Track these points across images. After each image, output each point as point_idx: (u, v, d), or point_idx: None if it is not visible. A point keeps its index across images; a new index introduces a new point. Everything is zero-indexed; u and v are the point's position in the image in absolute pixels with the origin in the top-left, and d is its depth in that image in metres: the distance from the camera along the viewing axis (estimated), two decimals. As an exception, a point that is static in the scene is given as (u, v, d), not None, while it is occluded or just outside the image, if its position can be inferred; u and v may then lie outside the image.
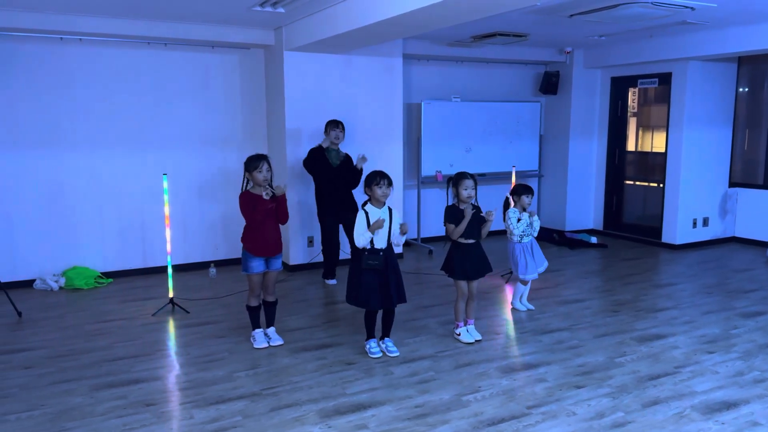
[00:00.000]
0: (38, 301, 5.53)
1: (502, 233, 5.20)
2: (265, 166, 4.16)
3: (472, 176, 4.31)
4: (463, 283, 4.38)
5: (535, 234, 5.11)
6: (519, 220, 5.02)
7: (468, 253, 4.34)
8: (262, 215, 4.14)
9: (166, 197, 5.22)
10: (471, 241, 4.34)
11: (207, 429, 3.22)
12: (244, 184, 4.25)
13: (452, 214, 4.30)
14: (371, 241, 4.02)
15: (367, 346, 4.22)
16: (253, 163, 4.16)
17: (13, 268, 5.88)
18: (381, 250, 4.03)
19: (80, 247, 6.15)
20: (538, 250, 5.15)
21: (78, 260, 6.15)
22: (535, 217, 5.08)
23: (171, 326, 4.87)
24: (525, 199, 5.01)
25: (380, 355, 4.15)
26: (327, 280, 6.09)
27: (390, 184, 4.06)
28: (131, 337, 4.60)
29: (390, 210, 4.12)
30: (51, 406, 3.48)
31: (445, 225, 4.37)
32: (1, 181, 5.79)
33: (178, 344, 4.49)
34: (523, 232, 5.03)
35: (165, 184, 5.19)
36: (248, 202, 4.16)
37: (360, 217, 4.04)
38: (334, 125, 5.83)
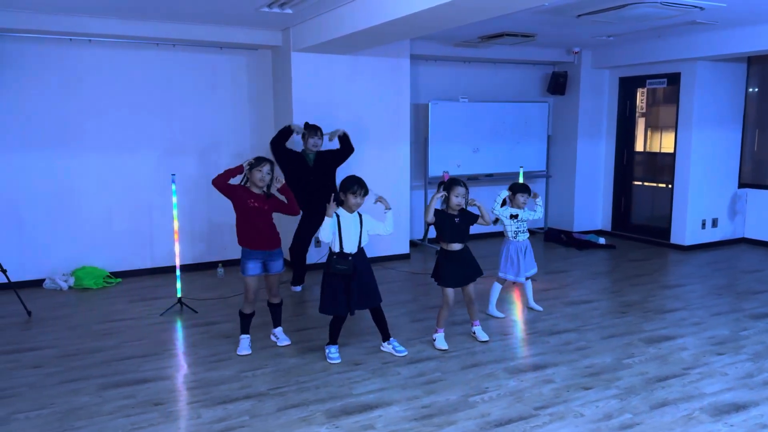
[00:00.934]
0: (48, 300, 5.56)
1: (500, 234, 5.16)
2: (266, 168, 4.11)
3: (465, 185, 4.29)
4: (450, 291, 4.33)
5: (538, 214, 5.03)
6: (515, 216, 4.95)
7: (456, 260, 4.32)
8: (244, 206, 4.12)
9: (174, 197, 5.24)
10: (458, 246, 4.31)
11: (214, 428, 3.23)
12: (242, 180, 4.19)
13: (440, 218, 4.27)
14: (341, 245, 3.99)
15: (327, 351, 4.14)
16: (253, 162, 4.12)
17: (23, 267, 5.92)
18: (350, 254, 3.99)
19: (89, 247, 6.19)
20: (531, 253, 5.07)
21: (87, 260, 6.19)
22: (538, 201, 5.01)
23: (179, 326, 4.89)
24: (520, 198, 4.94)
25: (339, 360, 4.07)
26: (293, 286, 5.86)
27: (365, 194, 4.00)
28: (139, 336, 4.62)
29: (360, 216, 4.07)
30: (59, 405, 3.50)
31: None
32: (11, 181, 5.84)
33: (186, 344, 4.50)
34: (517, 228, 4.98)
35: (173, 185, 5.21)
36: (236, 190, 4.12)
37: (328, 219, 3.94)
38: (312, 132, 5.57)
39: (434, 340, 4.37)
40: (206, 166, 6.56)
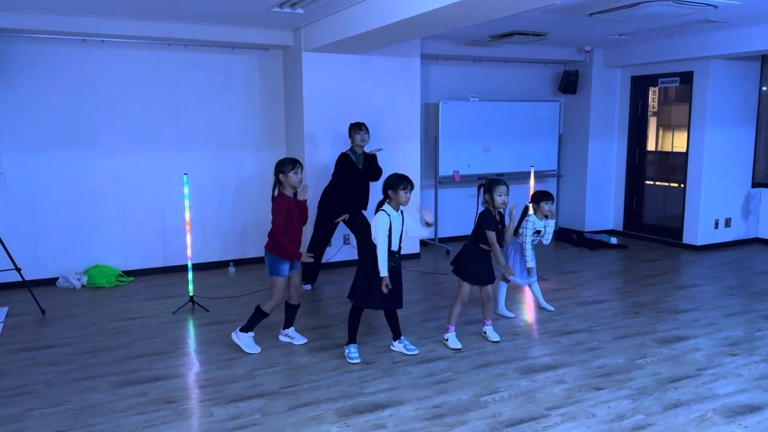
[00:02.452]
0: (61, 298, 5.61)
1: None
2: (300, 169, 4.15)
3: (505, 183, 4.32)
4: (468, 288, 4.34)
5: (548, 240, 5.03)
6: (538, 232, 4.96)
7: (485, 260, 4.34)
8: (289, 219, 4.11)
9: (186, 197, 5.27)
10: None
11: (226, 426, 3.25)
12: (276, 188, 4.18)
13: (490, 220, 4.26)
14: (389, 243, 4.01)
15: (347, 351, 4.13)
16: (289, 165, 4.11)
17: (37, 266, 5.98)
18: (397, 252, 4.03)
19: (102, 246, 6.24)
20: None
21: (100, 259, 6.24)
22: (551, 222, 4.99)
23: (191, 324, 4.92)
24: (545, 206, 4.92)
25: (359, 360, 4.08)
26: (304, 285, 5.84)
27: (413, 188, 4.04)
28: (152, 334, 4.65)
29: (402, 213, 4.10)
30: (73, 402, 3.53)
31: (483, 232, 4.28)
32: (25, 180, 5.89)
33: (198, 342, 4.53)
34: (533, 240, 5.00)
35: (185, 184, 5.24)
36: (285, 205, 4.10)
37: (383, 219, 3.97)
38: (357, 128, 5.69)
39: (446, 340, 4.36)
40: (218, 166, 6.59)
